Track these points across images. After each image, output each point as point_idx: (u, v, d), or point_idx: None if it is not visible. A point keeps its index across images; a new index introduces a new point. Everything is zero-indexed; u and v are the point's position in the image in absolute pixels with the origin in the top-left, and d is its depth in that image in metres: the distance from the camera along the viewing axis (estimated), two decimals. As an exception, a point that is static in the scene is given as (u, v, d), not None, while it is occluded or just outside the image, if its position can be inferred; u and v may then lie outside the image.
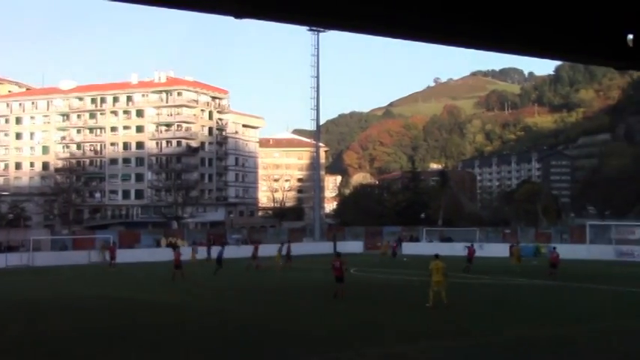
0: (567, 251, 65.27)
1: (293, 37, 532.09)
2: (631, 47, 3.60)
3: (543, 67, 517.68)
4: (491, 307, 28.06)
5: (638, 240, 63.29)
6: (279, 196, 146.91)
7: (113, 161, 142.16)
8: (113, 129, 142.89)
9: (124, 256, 62.41)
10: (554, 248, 44.00)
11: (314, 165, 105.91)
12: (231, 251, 68.99)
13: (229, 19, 3.06)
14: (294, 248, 59.80)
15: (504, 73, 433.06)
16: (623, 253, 60.71)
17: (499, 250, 65.09)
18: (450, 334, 21.21)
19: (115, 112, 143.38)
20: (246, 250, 62.50)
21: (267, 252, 56.97)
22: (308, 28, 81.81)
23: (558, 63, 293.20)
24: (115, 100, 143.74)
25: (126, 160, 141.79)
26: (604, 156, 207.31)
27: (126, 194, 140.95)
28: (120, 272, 51.40)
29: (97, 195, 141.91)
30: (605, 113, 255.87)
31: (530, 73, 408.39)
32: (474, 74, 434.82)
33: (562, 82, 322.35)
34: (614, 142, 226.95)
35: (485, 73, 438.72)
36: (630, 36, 3.56)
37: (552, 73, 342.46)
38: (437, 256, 28.77)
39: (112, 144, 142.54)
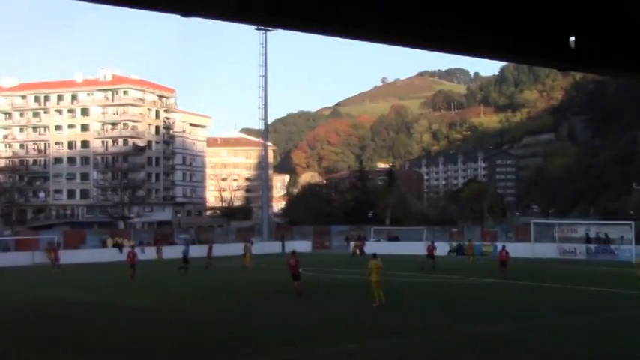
0: (512, 249, 65.80)
1: (241, 35, 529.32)
2: (573, 49, 3.68)
3: (488, 67, 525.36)
4: (443, 305, 28.32)
5: (580, 238, 64.43)
6: (227, 195, 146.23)
7: (58, 160, 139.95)
8: (57, 128, 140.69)
9: (69, 256, 61.34)
10: (504, 247, 44.54)
11: (262, 164, 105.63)
12: (180, 251, 68.58)
13: (176, 17, 3.04)
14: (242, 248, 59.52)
15: (450, 74, 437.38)
16: (565, 251, 61.76)
17: (446, 248, 65.79)
18: (401, 331, 21.35)
19: (59, 111, 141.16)
20: (193, 250, 61.97)
21: (219, 252, 56.71)
22: (256, 27, 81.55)
23: (503, 64, 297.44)
24: (60, 98, 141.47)
25: (71, 160, 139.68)
26: (548, 155, 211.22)
27: (71, 194, 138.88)
28: (64, 273, 50.53)
29: (41, 195, 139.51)
30: (549, 113, 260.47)
31: (476, 74, 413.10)
32: (420, 74, 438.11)
33: (507, 82, 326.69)
34: (558, 141, 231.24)
35: (432, 74, 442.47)
36: (572, 38, 3.64)
37: (497, 73, 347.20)
38: (375, 256, 28.92)
39: (57, 143, 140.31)
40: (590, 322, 23.19)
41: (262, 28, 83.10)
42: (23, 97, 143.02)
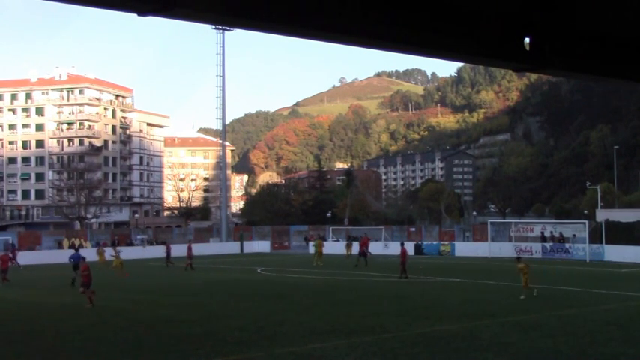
0: (470, 249, 67.20)
1: (199, 35, 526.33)
2: (528, 51, 3.74)
3: (445, 68, 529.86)
4: (400, 304, 28.44)
5: (536, 237, 65.23)
6: (185, 195, 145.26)
7: (11, 160, 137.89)
8: (11, 127, 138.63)
9: (24, 258, 60.41)
10: (402, 244, 43.99)
11: (220, 164, 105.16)
12: (138, 252, 68.34)
13: (133, 16, 3.02)
14: (202, 248, 59.35)
15: (408, 74, 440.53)
16: (521, 250, 62.43)
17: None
18: (359, 331, 21.40)
19: (13, 110, 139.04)
20: (151, 251, 61.62)
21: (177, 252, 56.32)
22: (213, 26, 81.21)
23: (460, 64, 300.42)
24: (14, 97, 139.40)
25: (25, 160, 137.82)
26: (504, 155, 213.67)
27: (25, 194, 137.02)
28: (18, 274, 49.73)
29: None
30: (505, 114, 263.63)
31: (433, 74, 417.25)
32: (378, 75, 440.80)
33: (464, 83, 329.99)
34: (514, 141, 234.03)
35: (390, 74, 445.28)
36: (527, 40, 3.70)
37: (454, 74, 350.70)
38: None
39: (10, 143, 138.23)
40: (547, 320, 23.48)
41: (220, 27, 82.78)
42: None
